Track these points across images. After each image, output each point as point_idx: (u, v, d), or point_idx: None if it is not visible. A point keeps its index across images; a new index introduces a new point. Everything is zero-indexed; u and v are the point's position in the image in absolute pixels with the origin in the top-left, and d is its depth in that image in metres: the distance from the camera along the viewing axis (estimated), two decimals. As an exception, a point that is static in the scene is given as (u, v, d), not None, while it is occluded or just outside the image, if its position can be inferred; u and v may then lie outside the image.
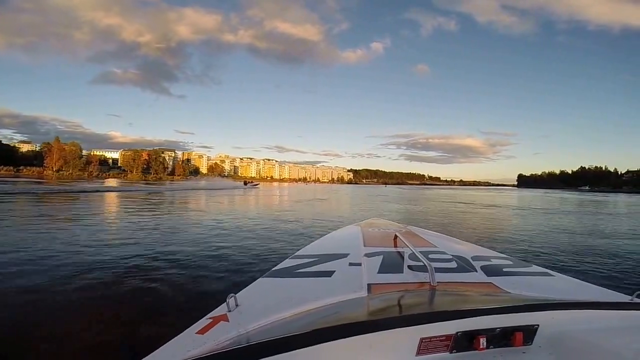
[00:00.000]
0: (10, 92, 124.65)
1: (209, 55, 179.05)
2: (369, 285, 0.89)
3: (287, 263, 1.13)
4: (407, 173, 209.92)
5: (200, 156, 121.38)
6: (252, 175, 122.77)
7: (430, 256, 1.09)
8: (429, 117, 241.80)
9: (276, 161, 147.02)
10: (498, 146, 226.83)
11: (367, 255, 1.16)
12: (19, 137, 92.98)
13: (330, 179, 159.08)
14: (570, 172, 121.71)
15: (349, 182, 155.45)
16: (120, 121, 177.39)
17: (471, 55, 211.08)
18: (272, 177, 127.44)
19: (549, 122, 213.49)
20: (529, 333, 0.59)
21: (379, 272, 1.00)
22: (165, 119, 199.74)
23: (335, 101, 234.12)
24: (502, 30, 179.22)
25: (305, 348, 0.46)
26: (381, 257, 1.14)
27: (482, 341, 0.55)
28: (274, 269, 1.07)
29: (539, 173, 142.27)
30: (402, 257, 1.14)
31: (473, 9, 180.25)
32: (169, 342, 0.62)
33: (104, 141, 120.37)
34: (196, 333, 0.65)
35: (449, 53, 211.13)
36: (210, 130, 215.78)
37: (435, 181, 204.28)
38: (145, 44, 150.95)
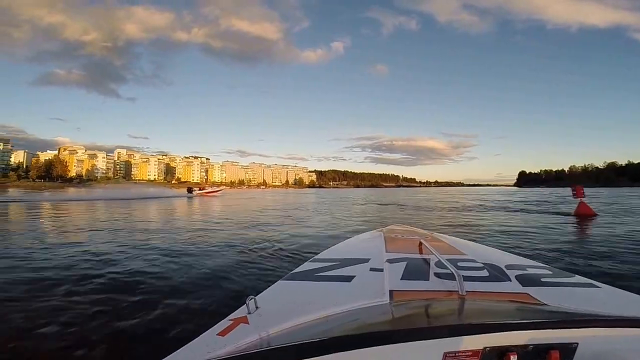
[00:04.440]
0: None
1: (159, 55, 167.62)
2: (391, 291, 0.84)
3: (306, 266, 1.10)
4: (380, 174, 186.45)
5: (73, 151, 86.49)
6: (152, 179, 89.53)
7: (459, 264, 1.02)
8: (391, 119, 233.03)
9: (207, 159, 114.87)
10: (461, 147, 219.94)
11: (390, 261, 1.10)
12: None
13: (285, 182, 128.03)
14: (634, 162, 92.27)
15: (312, 185, 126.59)
16: (67, 126, 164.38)
17: (430, 55, 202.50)
18: (179, 180, 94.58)
19: (508, 123, 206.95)
20: (566, 352, 0.53)
21: (402, 278, 0.94)
22: (117, 123, 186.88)
23: (296, 103, 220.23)
24: (462, 29, 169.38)
25: (324, 355, 0.45)
26: (405, 263, 1.07)
27: (513, 359, 0.51)
28: (293, 271, 1.05)
29: (565, 168, 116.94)
30: (428, 264, 1.06)
31: (434, 8, 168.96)
32: (191, 342, 0.62)
33: (50, 147, 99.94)
34: (217, 334, 0.65)
35: (408, 53, 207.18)
36: (166, 134, 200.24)
37: (411, 182, 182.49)
38: (90, 43, 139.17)
